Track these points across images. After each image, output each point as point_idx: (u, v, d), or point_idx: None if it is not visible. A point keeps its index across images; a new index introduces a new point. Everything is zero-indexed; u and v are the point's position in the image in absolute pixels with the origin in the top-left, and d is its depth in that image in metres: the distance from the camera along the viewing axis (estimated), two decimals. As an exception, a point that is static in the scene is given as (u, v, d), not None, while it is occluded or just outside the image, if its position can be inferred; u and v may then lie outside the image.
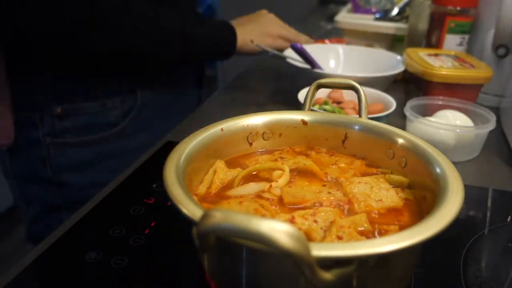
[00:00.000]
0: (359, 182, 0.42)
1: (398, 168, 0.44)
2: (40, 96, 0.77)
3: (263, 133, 0.49)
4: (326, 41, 1.14)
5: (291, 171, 0.44)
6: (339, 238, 0.34)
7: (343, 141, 0.49)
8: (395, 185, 0.43)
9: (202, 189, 0.42)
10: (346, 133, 0.48)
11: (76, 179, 0.82)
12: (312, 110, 0.53)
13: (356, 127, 0.48)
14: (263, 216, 0.37)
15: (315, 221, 0.36)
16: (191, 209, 0.31)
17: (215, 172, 0.44)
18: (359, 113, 0.49)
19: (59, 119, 0.78)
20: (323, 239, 0.34)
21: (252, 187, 0.42)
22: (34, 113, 0.77)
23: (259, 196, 0.40)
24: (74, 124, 0.79)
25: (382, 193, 0.41)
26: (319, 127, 0.49)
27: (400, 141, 0.44)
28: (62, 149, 0.80)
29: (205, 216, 0.26)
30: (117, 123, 0.83)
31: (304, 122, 0.49)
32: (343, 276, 0.28)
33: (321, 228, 0.35)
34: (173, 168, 0.37)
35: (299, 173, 0.45)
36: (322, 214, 0.37)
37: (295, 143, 0.50)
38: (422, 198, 0.40)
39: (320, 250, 0.27)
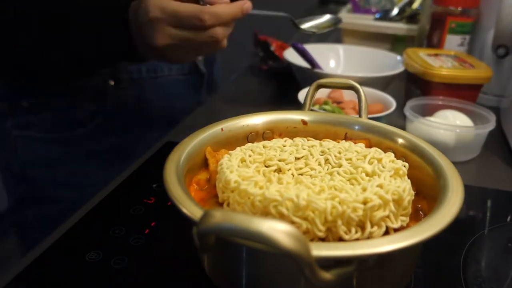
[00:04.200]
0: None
1: None
2: (6, 87, 0.77)
3: (263, 133, 0.49)
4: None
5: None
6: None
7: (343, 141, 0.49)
8: None
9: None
10: (346, 133, 0.48)
11: (44, 176, 0.80)
12: (312, 110, 0.53)
13: (356, 127, 0.48)
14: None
15: None
16: (191, 209, 0.31)
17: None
18: (359, 113, 0.49)
19: (27, 112, 0.77)
20: None
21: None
22: (2, 103, 0.77)
23: None
24: (41, 118, 0.78)
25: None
26: (319, 127, 0.49)
27: (400, 141, 0.44)
28: (30, 143, 0.78)
29: (205, 216, 0.26)
30: (85, 123, 0.80)
31: (304, 122, 0.49)
32: (343, 276, 0.28)
33: None
34: (173, 168, 0.37)
35: None
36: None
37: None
38: (422, 198, 0.40)
39: (320, 250, 0.27)
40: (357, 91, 0.49)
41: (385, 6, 1.29)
